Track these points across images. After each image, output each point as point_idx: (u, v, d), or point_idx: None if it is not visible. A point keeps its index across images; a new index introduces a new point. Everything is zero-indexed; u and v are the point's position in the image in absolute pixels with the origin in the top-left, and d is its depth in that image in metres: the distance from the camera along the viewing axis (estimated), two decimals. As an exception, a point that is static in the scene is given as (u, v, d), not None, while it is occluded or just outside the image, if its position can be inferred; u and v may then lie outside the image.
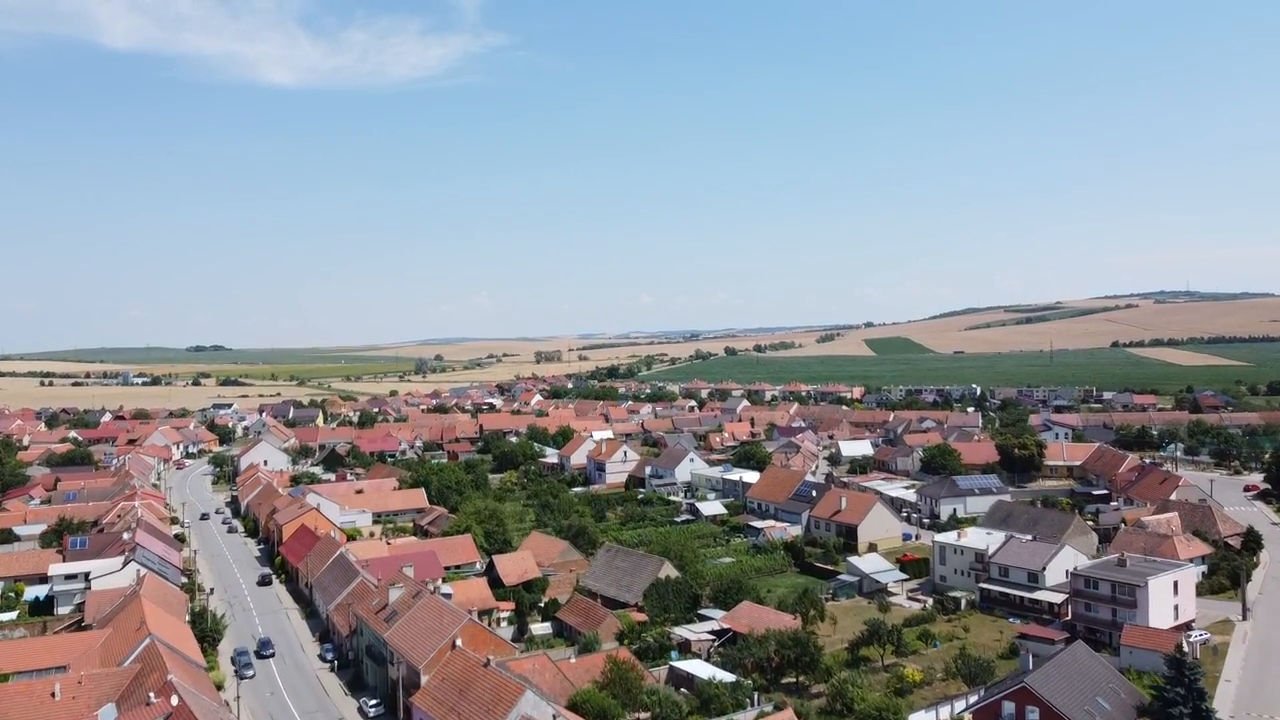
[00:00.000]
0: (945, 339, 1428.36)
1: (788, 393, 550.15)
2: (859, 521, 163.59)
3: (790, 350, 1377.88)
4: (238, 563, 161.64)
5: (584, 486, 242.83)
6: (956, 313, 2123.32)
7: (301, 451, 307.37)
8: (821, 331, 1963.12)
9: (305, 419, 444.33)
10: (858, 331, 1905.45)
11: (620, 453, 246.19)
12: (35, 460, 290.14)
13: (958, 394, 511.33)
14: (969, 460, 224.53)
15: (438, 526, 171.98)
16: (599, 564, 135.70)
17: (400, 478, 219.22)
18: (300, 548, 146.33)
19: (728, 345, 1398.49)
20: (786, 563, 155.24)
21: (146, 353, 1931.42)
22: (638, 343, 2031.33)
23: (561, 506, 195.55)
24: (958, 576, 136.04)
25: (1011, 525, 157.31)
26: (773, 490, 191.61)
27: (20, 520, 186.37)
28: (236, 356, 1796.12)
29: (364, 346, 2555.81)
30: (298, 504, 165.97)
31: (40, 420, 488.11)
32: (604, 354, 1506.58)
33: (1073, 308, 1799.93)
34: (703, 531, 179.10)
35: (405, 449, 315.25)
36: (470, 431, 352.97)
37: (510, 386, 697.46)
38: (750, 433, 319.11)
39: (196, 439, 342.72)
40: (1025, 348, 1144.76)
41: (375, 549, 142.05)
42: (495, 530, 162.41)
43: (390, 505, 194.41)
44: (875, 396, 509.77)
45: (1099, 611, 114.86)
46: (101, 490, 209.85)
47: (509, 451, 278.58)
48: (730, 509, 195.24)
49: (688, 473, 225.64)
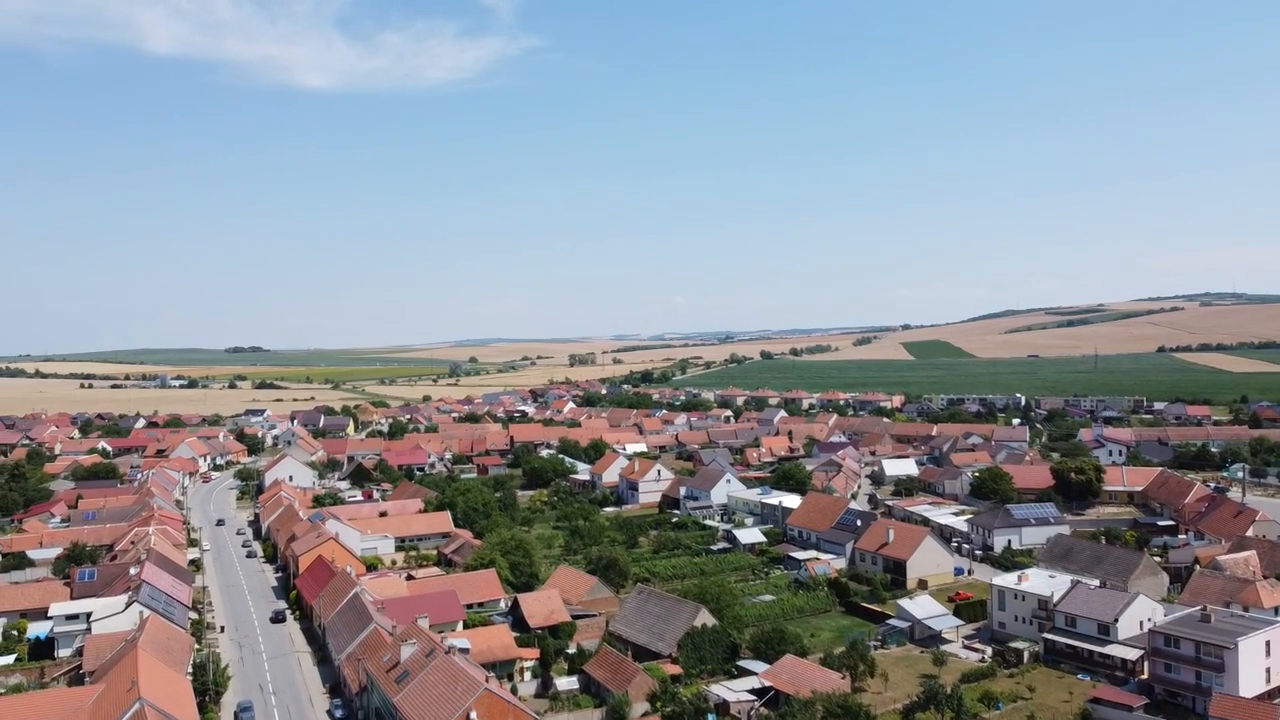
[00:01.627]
0: (984, 342, 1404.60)
1: (825, 401, 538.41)
2: (908, 556, 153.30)
3: (826, 354, 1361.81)
4: (253, 593, 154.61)
5: (616, 506, 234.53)
6: (995, 315, 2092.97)
7: (329, 465, 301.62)
8: (858, 334, 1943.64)
9: (335, 427, 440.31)
10: (895, 334, 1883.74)
11: (654, 472, 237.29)
12: (62, 472, 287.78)
13: (1001, 404, 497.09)
14: (1021, 484, 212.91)
15: (462, 556, 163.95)
16: (630, 607, 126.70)
17: (426, 498, 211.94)
18: (316, 583, 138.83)
19: (763, 349, 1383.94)
20: (830, 601, 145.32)
21: (185, 354, 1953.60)
22: (671, 345, 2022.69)
23: (592, 532, 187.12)
24: (1019, 624, 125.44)
25: (1072, 562, 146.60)
26: (814, 518, 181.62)
27: (36, 543, 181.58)
28: (273, 358, 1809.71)
29: (400, 347, 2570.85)
30: (316, 532, 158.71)
31: (75, 426, 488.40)
32: (638, 357, 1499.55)
33: (1115, 310, 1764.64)
34: (740, 562, 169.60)
35: (434, 462, 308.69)
36: (501, 443, 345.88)
37: (543, 392, 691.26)
38: (789, 448, 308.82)
39: (224, 450, 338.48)
40: (1067, 352, 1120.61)
41: (393, 587, 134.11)
42: (521, 562, 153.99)
43: (414, 529, 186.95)
44: (916, 406, 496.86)
45: (1181, 673, 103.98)
46: (120, 510, 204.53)
47: (539, 468, 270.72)
48: (769, 536, 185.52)
49: (724, 495, 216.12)
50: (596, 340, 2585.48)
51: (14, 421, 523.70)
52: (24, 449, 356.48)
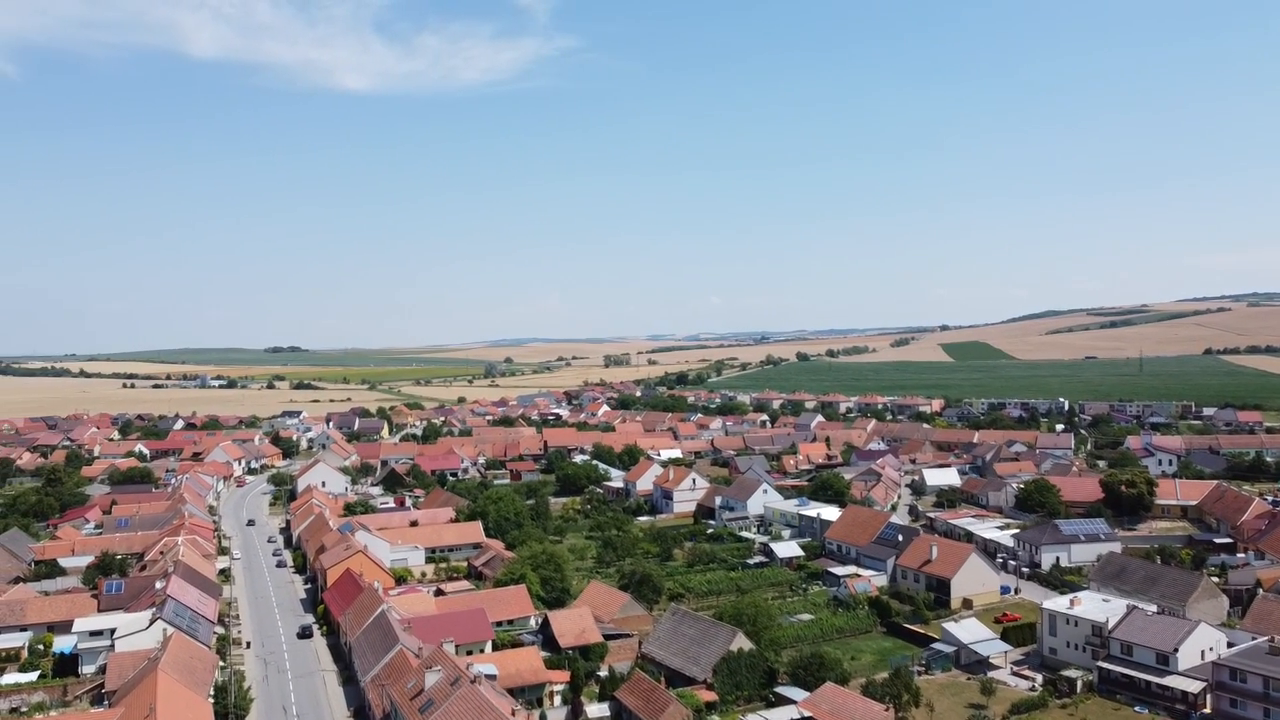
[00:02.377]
0: (1025, 343, 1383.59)
1: (863, 405, 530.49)
2: (952, 575, 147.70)
3: (864, 355, 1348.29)
4: (281, 606, 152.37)
5: (650, 515, 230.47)
6: (1035, 315, 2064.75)
7: (362, 470, 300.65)
8: (896, 335, 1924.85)
9: (370, 430, 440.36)
10: (933, 335, 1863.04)
11: (689, 480, 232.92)
12: (99, 476, 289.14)
13: (1044, 408, 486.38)
14: (1069, 497, 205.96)
15: (492, 569, 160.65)
16: (664, 629, 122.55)
17: (458, 507, 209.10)
18: (343, 597, 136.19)
19: (799, 350, 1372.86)
20: (871, 622, 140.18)
21: (226, 354, 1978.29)
22: (707, 345, 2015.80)
23: (625, 544, 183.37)
24: (1071, 650, 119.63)
25: (1125, 583, 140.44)
26: (854, 532, 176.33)
27: (69, 550, 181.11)
28: (311, 358, 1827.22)
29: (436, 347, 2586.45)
30: (345, 544, 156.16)
31: (115, 427, 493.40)
32: (673, 357, 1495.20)
33: (1159, 311, 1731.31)
34: (777, 578, 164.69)
35: (467, 467, 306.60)
36: (534, 448, 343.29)
37: (578, 394, 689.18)
38: (826, 455, 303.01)
39: (259, 454, 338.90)
40: (1110, 354, 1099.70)
41: (422, 603, 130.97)
42: (553, 577, 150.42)
43: (445, 540, 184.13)
44: (956, 410, 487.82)
45: (1248, 709, 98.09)
46: (153, 517, 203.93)
47: (572, 474, 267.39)
48: (807, 549, 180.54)
49: (760, 505, 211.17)
50: (632, 340, 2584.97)
51: (56, 422, 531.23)
52: (64, 451, 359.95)
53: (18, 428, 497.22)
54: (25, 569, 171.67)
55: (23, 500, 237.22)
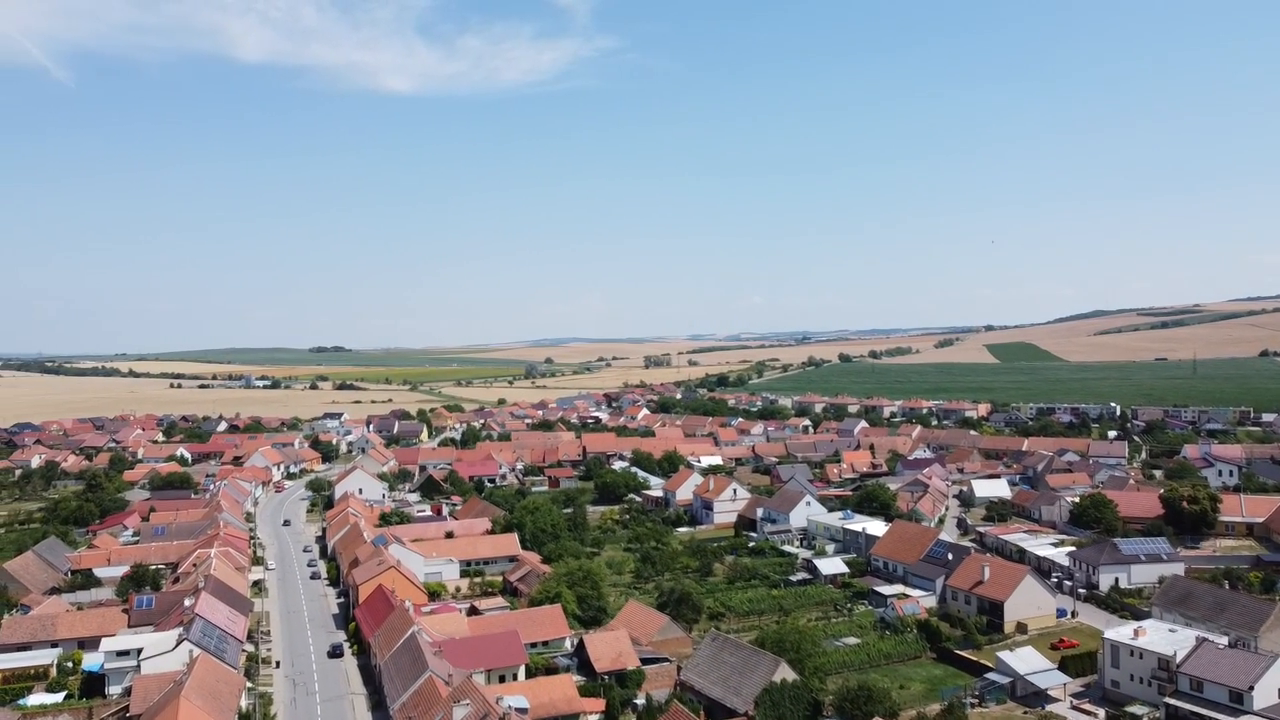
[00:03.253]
0: (1073, 344, 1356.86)
1: (907, 410, 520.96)
2: (1005, 597, 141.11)
3: (907, 356, 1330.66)
4: (313, 622, 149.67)
5: (690, 526, 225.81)
6: (1083, 315, 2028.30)
7: (400, 475, 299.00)
8: (940, 335, 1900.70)
9: (409, 434, 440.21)
10: (978, 335, 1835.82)
11: (729, 490, 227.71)
12: (140, 480, 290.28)
13: (1095, 413, 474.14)
14: (1126, 512, 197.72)
15: (528, 585, 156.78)
16: (704, 656, 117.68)
17: (494, 517, 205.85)
18: (374, 616, 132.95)
19: (841, 351, 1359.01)
20: (920, 647, 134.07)
21: (271, 354, 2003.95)
22: (748, 345, 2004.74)
23: (664, 559, 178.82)
24: (1135, 684, 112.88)
25: (1191, 609, 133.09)
26: (901, 548, 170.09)
27: (104, 560, 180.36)
28: (354, 358, 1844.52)
29: (478, 347, 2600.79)
30: (378, 558, 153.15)
31: (160, 429, 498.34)
32: (713, 358, 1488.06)
33: (1213, 311, 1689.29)
34: (821, 596, 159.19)
35: (505, 473, 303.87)
36: (573, 453, 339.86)
37: (618, 397, 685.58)
38: (871, 463, 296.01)
39: (298, 458, 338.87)
40: (1161, 356, 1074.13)
41: (454, 624, 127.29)
42: (589, 595, 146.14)
43: (480, 552, 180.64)
44: (1003, 415, 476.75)
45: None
46: (189, 526, 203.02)
47: (611, 482, 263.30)
48: (852, 566, 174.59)
49: (803, 518, 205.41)
50: (672, 340, 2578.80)
51: (103, 423, 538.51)
52: (108, 454, 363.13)
53: (66, 429, 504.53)
54: (61, 579, 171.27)
55: (64, 506, 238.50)
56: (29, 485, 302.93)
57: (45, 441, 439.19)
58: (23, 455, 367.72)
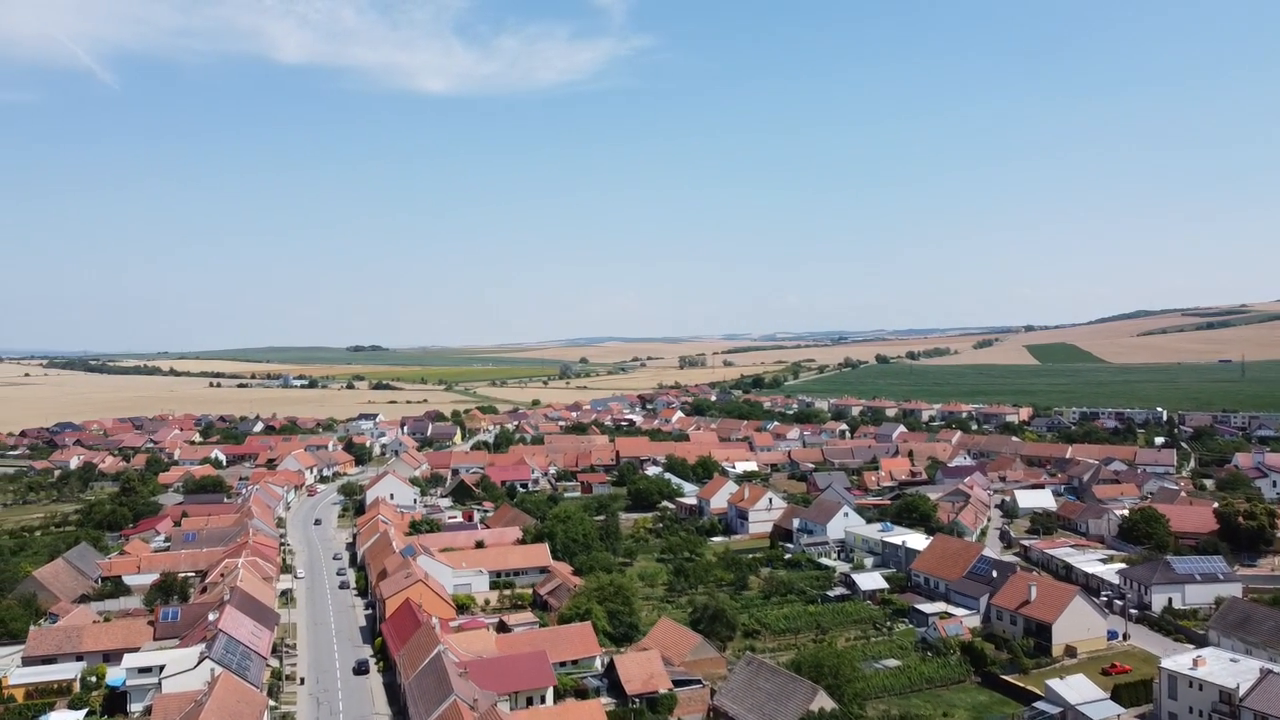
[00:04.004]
0: (1115, 346, 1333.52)
1: (946, 414, 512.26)
2: (1054, 619, 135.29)
3: (945, 358, 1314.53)
4: (340, 635, 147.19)
5: (724, 536, 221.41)
6: (1126, 316, 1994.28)
7: (432, 480, 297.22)
8: (978, 336, 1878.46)
9: (442, 436, 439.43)
10: (1017, 336, 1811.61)
11: (765, 500, 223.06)
12: (174, 483, 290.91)
13: (1141, 418, 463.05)
14: (1178, 527, 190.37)
15: (558, 599, 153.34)
16: (738, 680, 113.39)
17: (525, 526, 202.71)
18: (400, 631, 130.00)
19: (878, 352, 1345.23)
20: (964, 670, 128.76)
21: (309, 353, 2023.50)
22: (783, 345, 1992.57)
23: (697, 571, 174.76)
24: (1193, 717, 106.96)
25: (1250, 633, 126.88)
26: (943, 564, 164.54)
27: (134, 567, 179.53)
28: (391, 357, 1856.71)
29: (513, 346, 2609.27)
30: (405, 570, 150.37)
31: (197, 429, 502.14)
32: (748, 358, 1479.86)
33: (1260, 311, 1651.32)
34: (860, 613, 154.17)
35: (538, 478, 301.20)
36: (606, 458, 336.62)
37: (652, 398, 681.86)
38: (910, 471, 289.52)
39: (332, 461, 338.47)
40: (1206, 358, 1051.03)
41: (481, 642, 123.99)
42: (620, 610, 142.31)
43: (511, 563, 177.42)
44: (1045, 420, 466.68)
45: None
46: (219, 532, 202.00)
47: (645, 489, 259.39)
48: (891, 581, 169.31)
49: (841, 530, 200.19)
50: (707, 340, 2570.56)
51: (142, 423, 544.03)
52: (144, 455, 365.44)
53: (106, 428, 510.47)
54: (91, 586, 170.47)
55: (98, 510, 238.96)
56: (66, 487, 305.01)
57: (85, 441, 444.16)
58: (62, 456, 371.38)
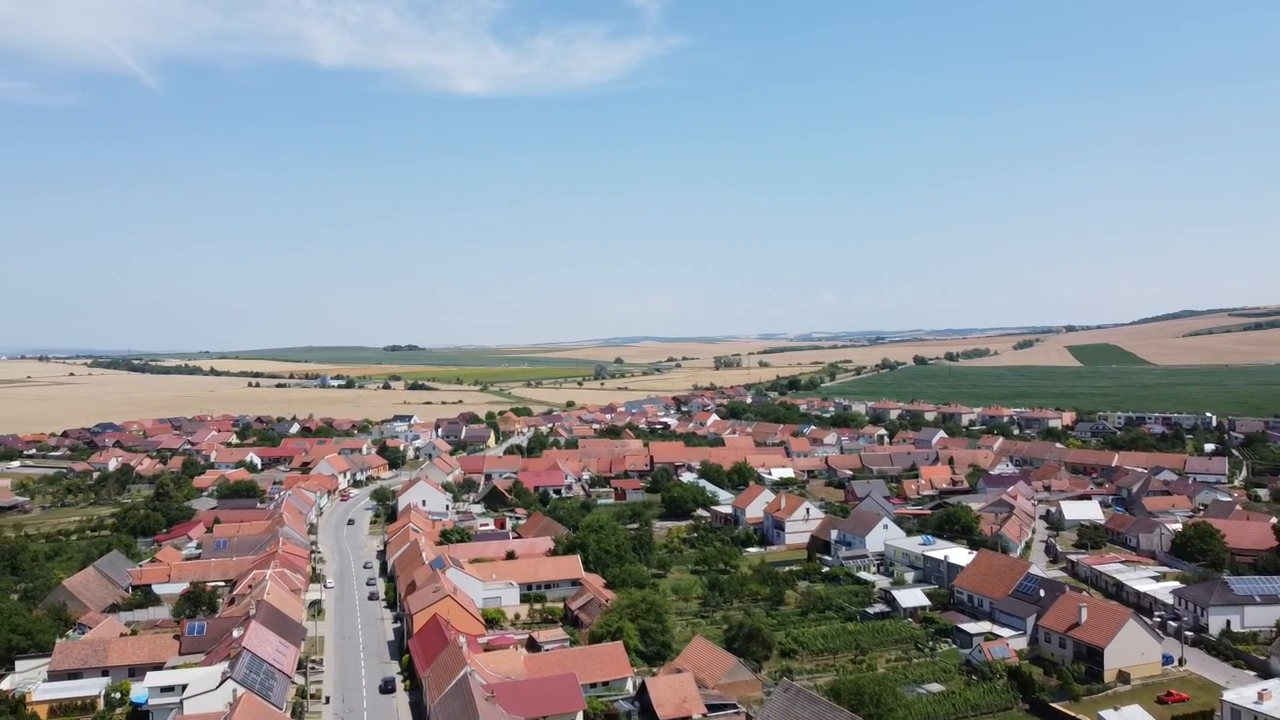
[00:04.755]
0: (1160, 347, 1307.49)
1: (987, 418, 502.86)
2: (1105, 643, 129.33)
3: (985, 359, 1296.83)
4: (367, 649, 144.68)
5: (760, 546, 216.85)
6: (1170, 316, 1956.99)
7: (465, 485, 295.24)
8: (1018, 336, 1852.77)
9: (476, 439, 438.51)
10: (1058, 337, 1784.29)
11: (802, 510, 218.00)
12: (208, 487, 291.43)
13: (1189, 423, 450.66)
14: (1234, 543, 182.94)
15: (589, 615, 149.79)
16: (775, 708, 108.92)
17: (557, 536, 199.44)
18: (427, 649, 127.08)
19: (916, 353, 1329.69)
20: (1012, 697, 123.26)
21: (347, 352, 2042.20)
22: (820, 345, 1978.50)
23: (732, 585, 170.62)
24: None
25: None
26: (987, 582, 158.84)
27: (165, 576, 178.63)
28: (427, 357, 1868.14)
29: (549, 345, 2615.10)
30: (434, 585, 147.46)
31: (235, 430, 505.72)
32: (784, 359, 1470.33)
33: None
34: (900, 632, 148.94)
35: (571, 484, 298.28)
36: (640, 463, 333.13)
37: (687, 400, 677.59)
38: (950, 479, 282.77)
39: (365, 465, 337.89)
40: (1256, 359, 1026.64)
41: (509, 663, 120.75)
42: (653, 628, 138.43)
43: (542, 575, 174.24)
44: (1089, 425, 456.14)
45: None
46: (250, 540, 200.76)
47: (679, 496, 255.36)
48: (933, 598, 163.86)
49: (880, 542, 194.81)
50: (742, 340, 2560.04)
51: (181, 424, 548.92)
52: (181, 457, 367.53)
53: (146, 429, 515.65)
54: (121, 595, 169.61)
55: (132, 515, 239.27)
56: (104, 490, 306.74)
57: (124, 443, 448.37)
58: (101, 458, 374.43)
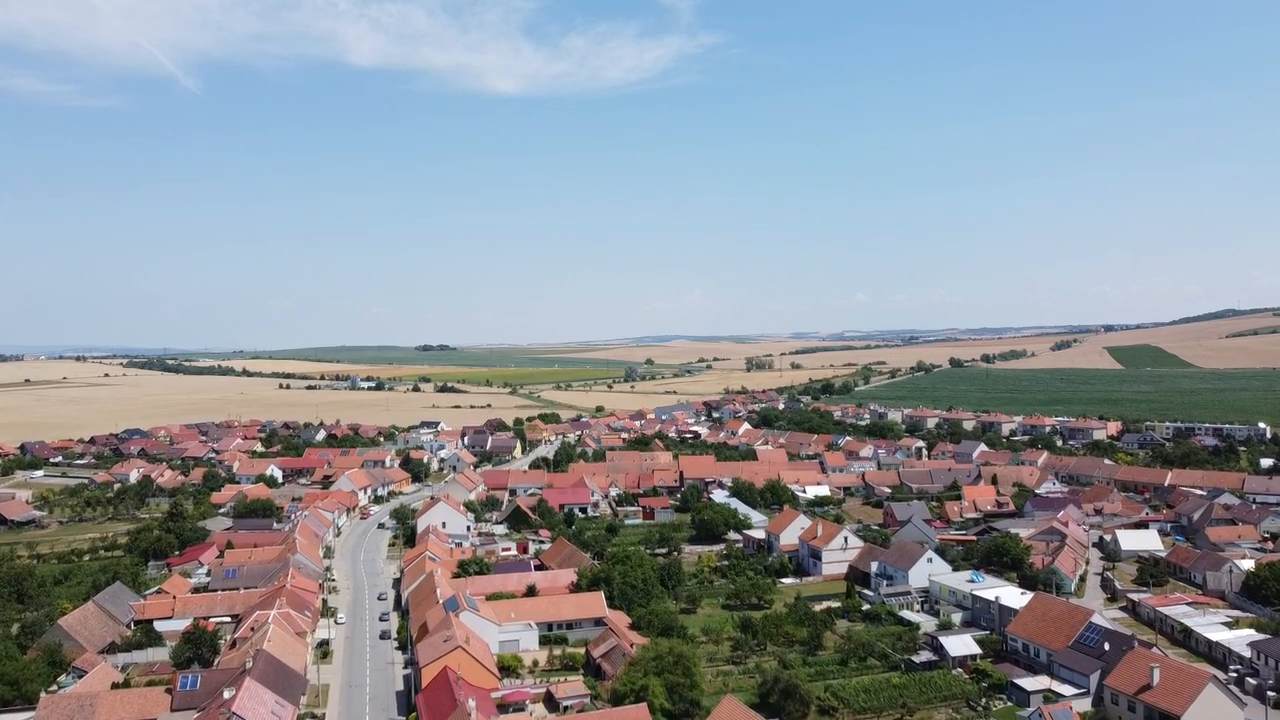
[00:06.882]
0: (1203, 349, 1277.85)
1: (1028, 427, 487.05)
2: (1182, 711, 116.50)
3: (1022, 361, 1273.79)
4: (374, 701, 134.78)
5: (795, 577, 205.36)
6: (1211, 315, 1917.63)
7: (488, 503, 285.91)
8: (1055, 336, 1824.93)
9: (503, 449, 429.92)
10: (1097, 337, 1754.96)
11: (839, 539, 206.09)
12: (225, 504, 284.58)
13: (1242, 435, 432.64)
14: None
15: (612, 664, 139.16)
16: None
17: (580, 567, 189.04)
18: (436, 708, 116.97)
19: (951, 355, 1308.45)
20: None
21: (380, 352, 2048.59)
22: (853, 345, 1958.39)
23: (767, 627, 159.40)
24: None
25: None
26: (1044, 630, 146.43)
27: (169, 610, 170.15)
28: (459, 357, 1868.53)
29: (580, 345, 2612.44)
30: (445, 632, 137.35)
31: (261, 436, 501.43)
32: (816, 359, 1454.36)
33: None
34: (950, 687, 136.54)
35: (597, 500, 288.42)
36: (670, 479, 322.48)
37: (718, 406, 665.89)
38: (995, 500, 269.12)
39: (387, 479, 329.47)
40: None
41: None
42: (680, 683, 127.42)
43: (563, 614, 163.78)
44: (1136, 437, 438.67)
45: None
46: (261, 569, 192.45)
47: (710, 520, 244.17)
48: (984, 644, 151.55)
49: (924, 577, 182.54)
50: (774, 339, 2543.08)
51: (208, 428, 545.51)
52: (201, 469, 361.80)
53: (173, 435, 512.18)
54: (122, 633, 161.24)
55: (144, 536, 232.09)
56: (122, 504, 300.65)
57: (150, 450, 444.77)
58: (123, 468, 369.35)
